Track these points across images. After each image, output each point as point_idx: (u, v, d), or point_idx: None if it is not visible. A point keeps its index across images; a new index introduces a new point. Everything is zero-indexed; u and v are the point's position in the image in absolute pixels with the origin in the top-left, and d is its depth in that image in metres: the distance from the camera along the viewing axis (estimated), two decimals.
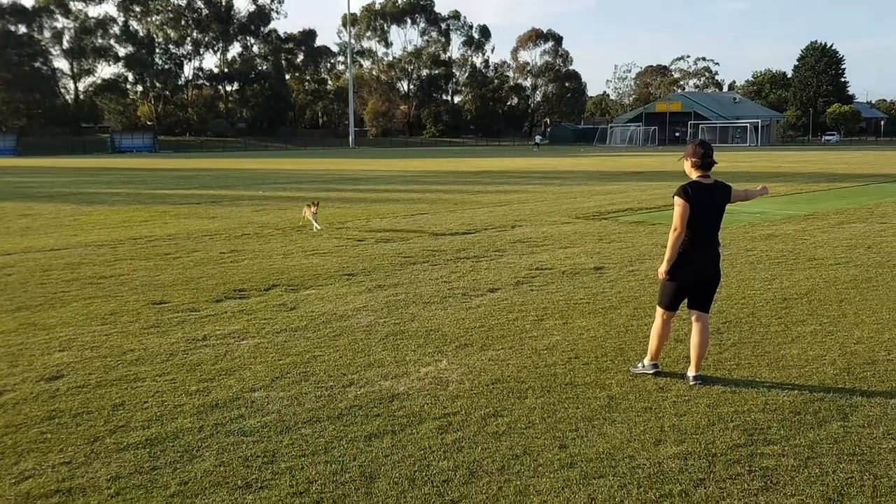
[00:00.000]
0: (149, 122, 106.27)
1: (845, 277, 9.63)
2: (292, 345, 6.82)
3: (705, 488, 4.08)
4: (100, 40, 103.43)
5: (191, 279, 9.93)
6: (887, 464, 4.34)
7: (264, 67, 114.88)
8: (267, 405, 5.34)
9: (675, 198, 5.62)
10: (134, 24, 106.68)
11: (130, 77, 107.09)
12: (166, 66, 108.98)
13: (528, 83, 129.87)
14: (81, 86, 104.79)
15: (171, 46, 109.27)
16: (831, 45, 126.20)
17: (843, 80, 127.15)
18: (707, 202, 5.61)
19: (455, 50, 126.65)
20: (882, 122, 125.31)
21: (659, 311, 5.88)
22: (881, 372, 5.96)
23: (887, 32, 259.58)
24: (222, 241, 13.40)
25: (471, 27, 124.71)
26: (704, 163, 5.63)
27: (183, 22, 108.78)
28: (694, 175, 5.70)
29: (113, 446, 4.67)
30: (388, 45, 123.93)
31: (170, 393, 5.61)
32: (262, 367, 6.20)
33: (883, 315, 7.72)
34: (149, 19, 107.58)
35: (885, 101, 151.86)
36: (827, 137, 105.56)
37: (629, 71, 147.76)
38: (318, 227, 14.79)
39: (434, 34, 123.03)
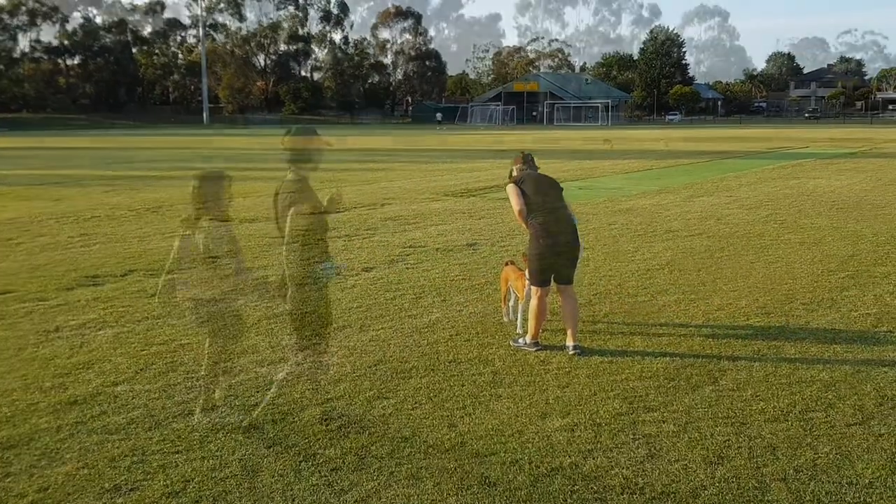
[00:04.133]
0: None
1: (700, 248, 10.15)
2: (156, 333, 6.39)
3: (594, 459, 4.13)
4: None
5: (37, 266, 9.14)
6: (759, 425, 4.56)
7: (108, 40, 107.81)
8: (132, 399, 4.96)
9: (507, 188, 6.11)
10: None
11: None
12: None
13: (388, 61, 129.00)
14: None
15: (3, 17, 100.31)
16: (673, 29, 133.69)
17: (684, 62, 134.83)
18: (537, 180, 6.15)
19: (314, 25, 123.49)
20: (719, 103, 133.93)
21: (534, 290, 5.96)
22: (742, 336, 6.30)
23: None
24: (70, 225, 12.44)
25: (329, 2, 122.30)
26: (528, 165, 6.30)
27: None
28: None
29: None
30: (242, 18, 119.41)
31: (21, 391, 5.10)
32: (124, 358, 5.77)
33: (738, 283, 8.17)
34: None
35: (720, 82, 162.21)
36: (670, 116, 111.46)
37: (487, 51, 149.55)
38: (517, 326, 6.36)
39: (291, 8, 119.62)
